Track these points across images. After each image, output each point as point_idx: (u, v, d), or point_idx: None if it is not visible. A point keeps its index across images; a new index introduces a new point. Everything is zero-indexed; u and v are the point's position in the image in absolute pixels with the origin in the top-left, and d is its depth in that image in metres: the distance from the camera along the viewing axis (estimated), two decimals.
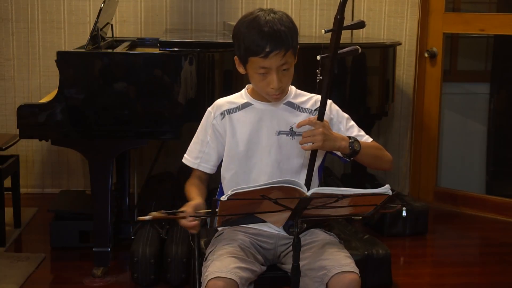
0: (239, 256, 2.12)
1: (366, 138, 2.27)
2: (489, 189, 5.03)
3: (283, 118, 2.24)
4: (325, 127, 2.09)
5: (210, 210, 1.92)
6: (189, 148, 2.35)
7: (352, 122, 2.29)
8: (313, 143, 2.09)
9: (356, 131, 2.27)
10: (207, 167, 2.32)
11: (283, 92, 2.20)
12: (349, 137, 2.15)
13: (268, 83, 2.14)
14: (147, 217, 1.99)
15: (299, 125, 2.14)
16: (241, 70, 2.21)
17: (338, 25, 2.09)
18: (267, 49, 2.08)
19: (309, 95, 2.30)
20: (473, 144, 5.10)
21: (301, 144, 2.12)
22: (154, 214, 1.99)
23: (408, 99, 4.79)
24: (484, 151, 5.10)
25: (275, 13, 2.13)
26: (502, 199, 4.51)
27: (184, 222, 2.05)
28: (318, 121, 2.10)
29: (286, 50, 2.10)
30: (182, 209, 2.08)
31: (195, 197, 2.18)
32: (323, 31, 2.13)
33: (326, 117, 2.15)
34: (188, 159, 2.34)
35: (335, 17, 2.09)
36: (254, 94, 2.27)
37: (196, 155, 2.32)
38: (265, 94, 2.20)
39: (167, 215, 2.06)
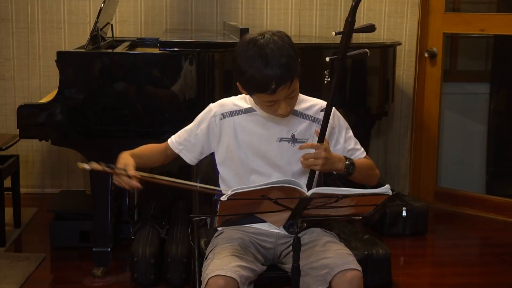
0: (239, 255, 2.13)
1: (361, 153, 2.30)
2: (489, 189, 5.03)
3: (286, 125, 2.24)
4: (327, 150, 2.11)
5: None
6: (179, 132, 2.37)
7: (351, 133, 2.31)
8: (312, 165, 2.11)
9: (353, 144, 2.30)
10: (187, 156, 2.33)
11: (291, 111, 2.20)
12: (346, 159, 2.18)
13: (276, 109, 2.14)
14: (86, 166, 2.02)
15: (301, 148, 2.16)
16: (244, 92, 2.20)
17: (349, 28, 2.08)
18: (273, 86, 2.05)
19: (312, 100, 2.29)
20: (473, 144, 5.10)
21: (301, 161, 2.14)
22: (94, 165, 2.03)
23: (408, 99, 4.79)
24: (484, 151, 5.10)
25: (274, 42, 2.06)
26: (502, 199, 4.51)
27: (125, 179, 2.07)
28: (320, 145, 2.11)
29: (291, 81, 2.07)
30: (121, 166, 2.10)
31: (134, 157, 2.21)
32: (333, 33, 2.12)
33: (328, 125, 2.16)
34: (173, 141, 2.35)
35: (346, 19, 2.08)
36: None
37: (181, 142, 2.33)
38: (272, 115, 2.20)
39: (106, 169, 2.07)
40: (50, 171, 4.73)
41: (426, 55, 4.59)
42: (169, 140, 2.36)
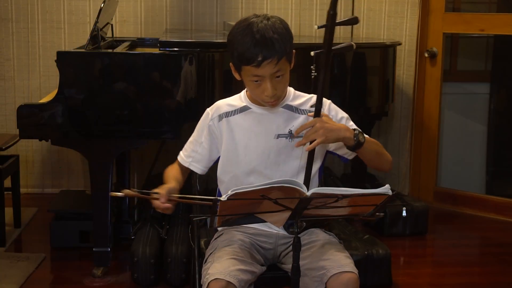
0: (238, 258, 2.12)
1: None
2: (489, 189, 5.03)
3: (282, 122, 2.23)
4: (323, 121, 2.07)
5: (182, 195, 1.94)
6: (184, 146, 2.37)
7: (351, 122, 2.28)
8: (315, 140, 2.05)
9: None
10: (198, 167, 2.32)
11: (279, 98, 2.19)
12: (354, 129, 2.13)
13: (263, 90, 2.13)
14: (119, 194, 1.99)
15: (297, 133, 2.12)
16: (236, 76, 2.20)
17: (331, 21, 2.08)
18: (259, 58, 2.06)
19: (307, 96, 2.29)
20: (473, 144, 5.10)
21: (301, 145, 2.10)
22: (127, 191, 1.99)
23: (408, 99, 4.79)
24: (484, 151, 5.10)
25: (268, 19, 2.11)
26: (502, 199, 4.51)
27: (157, 203, 2.04)
28: (314, 119, 2.08)
29: (278, 58, 2.08)
30: (156, 190, 2.07)
31: (171, 181, 2.20)
32: (315, 26, 2.12)
33: None
34: (181, 156, 2.35)
35: (328, 12, 2.08)
36: (252, 98, 2.26)
37: (188, 154, 2.33)
38: (260, 101, 2.20)
39: (139, 194, 2.05)
40: (50, 171, 4.73)
41: (426, 55, 4.59)
42: (178, 157, 2.36)
